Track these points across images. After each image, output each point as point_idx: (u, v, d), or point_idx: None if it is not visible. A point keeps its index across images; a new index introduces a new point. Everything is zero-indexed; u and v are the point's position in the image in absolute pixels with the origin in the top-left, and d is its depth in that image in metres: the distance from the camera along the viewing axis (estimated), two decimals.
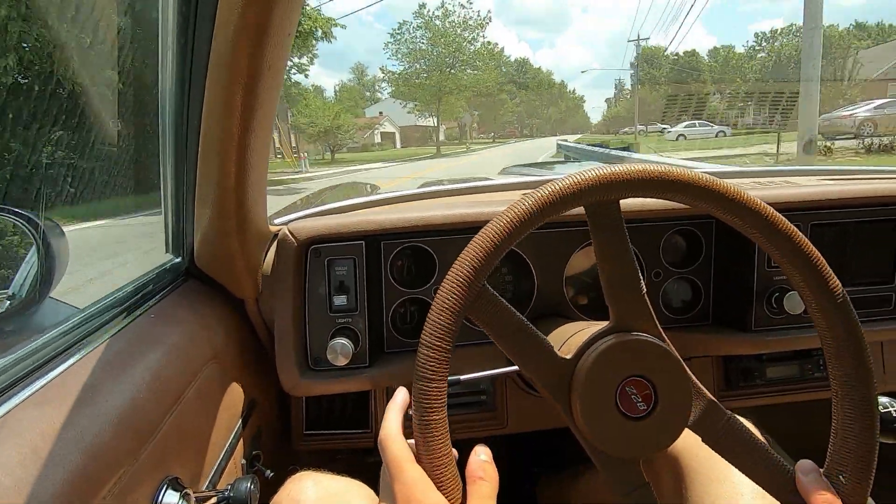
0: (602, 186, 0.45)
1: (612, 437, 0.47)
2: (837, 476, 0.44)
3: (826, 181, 1.01)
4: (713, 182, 0.46)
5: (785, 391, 0.97)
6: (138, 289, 0.72)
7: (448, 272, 0.44)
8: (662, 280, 0.90)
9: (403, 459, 0.42)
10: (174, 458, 0.55)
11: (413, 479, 0.41)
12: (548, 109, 79.06)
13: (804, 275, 0.45)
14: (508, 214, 0.45)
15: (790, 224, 0.46)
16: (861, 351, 0.45)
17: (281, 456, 0.92)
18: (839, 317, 0.45)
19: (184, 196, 0.73)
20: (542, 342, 0.48)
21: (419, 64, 33.92)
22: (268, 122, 0.61)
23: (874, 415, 0.44)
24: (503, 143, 52.52)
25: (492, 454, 0.44)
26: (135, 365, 0.56)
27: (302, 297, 0.81)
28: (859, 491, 0.44)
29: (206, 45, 0.53)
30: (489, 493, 0.41)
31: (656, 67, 62.66)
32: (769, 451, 0.47)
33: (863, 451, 0.44)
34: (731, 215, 0.46)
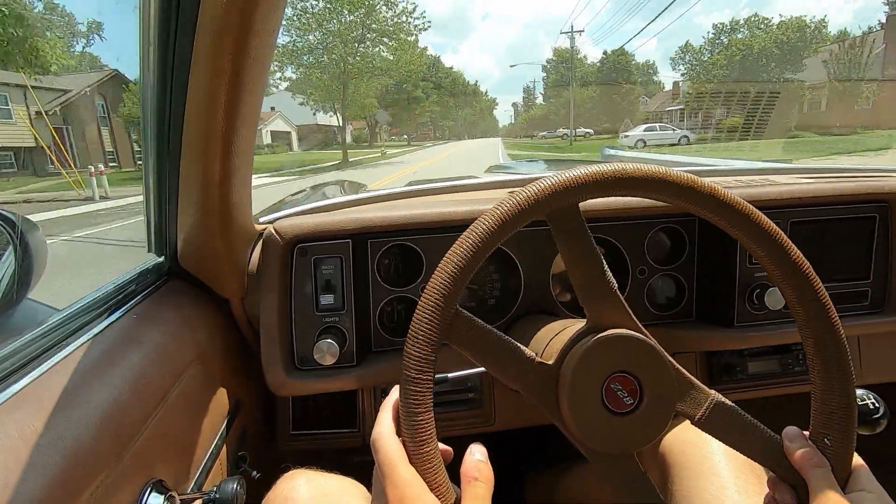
0: (598, 184, 0.46)
1: (602, 434, 0.47)
2: (822, 439, 0.46)
3: (805, 179, 1.04)
4: (693, 180, 0.47)
5: (766, 385, 0.99)
6: (119, 289, 0.70)
7: (434, 272, 0.45)
8: (647, 277, 0.91)
9: (395, 459, 0.42)
10: (158, 461, 0.55)
11: (405, 481, 0.40)
12: (462, 111, 75.68)
13: (783, 269, 0.46)
14: (503, 207, 0.45)
15: (771, 223, 0.47)
16: (838, 336, 0.46)
17: (267, 456, 0.92)
18: (819, 309, 0.46)
19: (167, 194, 0.71)
20: (522, 354, 0.48)
21: (313, 35, 22.60)
22: (252, 119, 0.60)
23: (850, 376, 0.45)
24: (419, 147, 47.55)
25: (486, 453, 0.44)
26: (116, 366, 0.55)
27: (288, 297, 0.80)
28: (844, 451, 0.45)
29: (188, 41, 0.52)
30: (484, 494, 0.41)
31: (580, 67, 60.18)
32: (756, 425, 0.48)
33: (843, 412, 0.45)
34: (714, 215, 0.47)
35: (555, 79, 63.38)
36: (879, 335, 0.98)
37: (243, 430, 0.82)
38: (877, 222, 0.91)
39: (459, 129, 76.07)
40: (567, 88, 55.83)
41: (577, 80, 53.97)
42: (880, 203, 0.90)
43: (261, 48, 0.52)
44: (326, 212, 0.94)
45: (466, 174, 1.95)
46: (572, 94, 42.78)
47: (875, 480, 0.45)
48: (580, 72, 58.75)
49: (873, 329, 0.92)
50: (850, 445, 0.45)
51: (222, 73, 0.52)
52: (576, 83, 51.43)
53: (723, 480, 0.65)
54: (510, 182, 1.24)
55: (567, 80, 58.00)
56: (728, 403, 0.49)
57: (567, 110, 53.72)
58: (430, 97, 61.14)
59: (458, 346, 0.46)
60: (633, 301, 0.91)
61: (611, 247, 0.91)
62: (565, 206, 0.46)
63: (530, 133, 67.24)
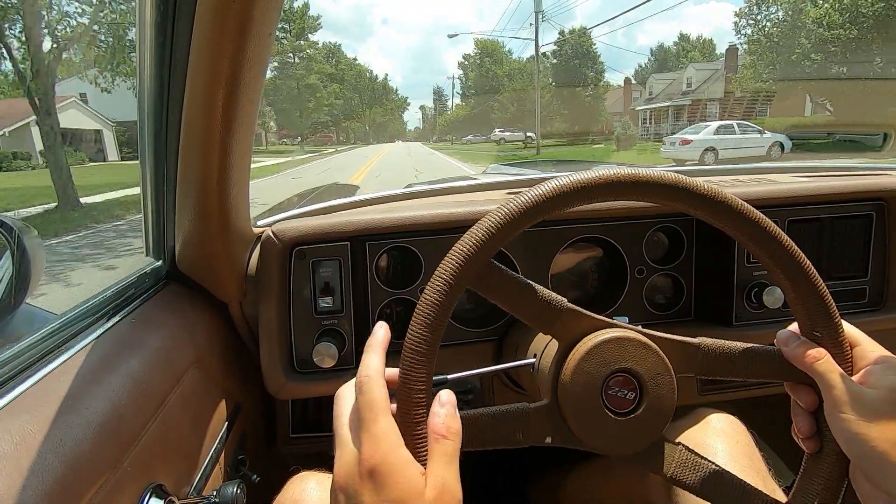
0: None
1: (592, 430, 0.47)
2: (813, 333, 0.47)
3: (802, 178, 1.04)
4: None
5: (764, 384, 0.99)
6: (118, 294, 0.70)
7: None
8: (646, 277, 0.92)
9: (379, 407, 0.40)
10: (158, 465, 0.54)
11: (384, 433, 0.39)
12: (370, 110, 62.88)
13: (784, 267, 0.46)
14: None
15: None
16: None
17: (267, 460, 0.91)
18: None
19: (164, 198, 0.71)
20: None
21: None
22: (250, 121, 0.60)
23: (818, 280, 0.47)
24: (317, 153, 34.14)
25: (455, 400, 0.43)
26: (115, 371, 0.55)
27: (287, 300, 0.80)
28: (835, 336, 0.46)
29: (185, 44, 0.52)
30: (451, 450, 0.40)
31: (498, 64, 51.93)
32: (752, 348, 0.49)
33: (827, 307, 0.46)
34: (715, 218, 0.47)
35: (476, 76, 54.03)
36: (878, 333, 0.98)
37: (243, 434, 0.82)
38: (874, 220, 0.91)
39: (367, 131, 64.83)
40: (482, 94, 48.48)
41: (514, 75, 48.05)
42: (877, 201, 0.91)
43: (257, 50, 0.52)
44: (324, 214, 0.94)
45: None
46: (537, 85, 33.07)
47: (880, 348, 0.47)
48: (510, 68, 51.38)
49: (872, 327, 0.93)
50: (840, 330, 0.47)
51: (219, 77, 0.52)
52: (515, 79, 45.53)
53: None
54: (507, 183, 1.24)
55: (492, 76, 50.87)
56: (718, 341, 0.50)
57: (501, 111, 46.78)
58: (329, 87, 49.57)
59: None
60: (632, 301, 0.91)
61: (609, 247, 0.91)
62: (479, 264, 0.44)
63: (445, 137, 59.23)
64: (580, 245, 0.92)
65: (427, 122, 79.26)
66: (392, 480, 0.37)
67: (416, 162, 21.16)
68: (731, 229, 0.46)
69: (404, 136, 72.74)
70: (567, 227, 0.88)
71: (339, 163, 23.71)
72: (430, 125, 75.54)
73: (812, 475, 0.47)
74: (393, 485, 0.37)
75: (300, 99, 41.68)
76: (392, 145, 53.62)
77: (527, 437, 0.48)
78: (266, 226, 0.85)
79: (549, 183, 0.45)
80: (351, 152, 37.55)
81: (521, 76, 49.92)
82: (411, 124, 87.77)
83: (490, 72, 51.80)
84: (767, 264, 0.47)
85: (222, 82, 0.52)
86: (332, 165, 21.76)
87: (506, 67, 51.84)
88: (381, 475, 0.37)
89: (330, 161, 25.79)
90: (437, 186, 1.20)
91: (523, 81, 48.32)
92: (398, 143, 62.78)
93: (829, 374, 0.44)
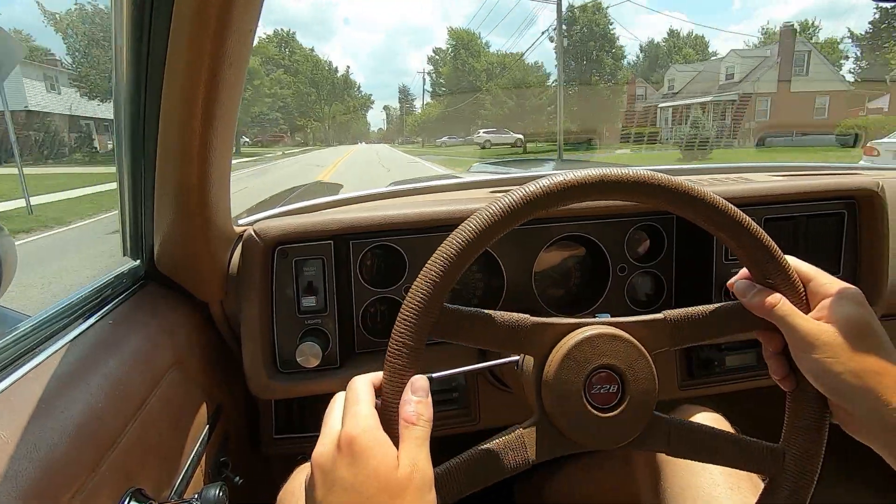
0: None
1: (588, 432, 0.48)
2: (766, 281, 0.49)
3: (777, 177, 1.07)
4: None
5: (743, 378, 1.02)
6: (94, 294, 0.69)
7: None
8: (627, 274, 0.93)
9: (363, 398, 0.43)
10: (137, 469, 0.53)
11: (364, 415, 0.42)
12: (329, 107, 53.96)
13: (724, 227, 0.48)
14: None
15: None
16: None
17: (250, 462, 0.90)
18: (764, 253, 0.49)
19: (142, 197, 0.70)
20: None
21: None
22: (231, 118, 0.59)
23: (764, 235, 0.49)
24: (256, 157, 27.07)
25: (428, 387, 0.45)
26: (93, 373, 0.54)
27: (269, 299, 0.80)
28: (787, 278, 0.49)
29: (163, 40, 0.51)
30: (420, 434, 0.42)
31: (475, 57, 45.64)
32: (716, 308, 0.51)
33: (772, 253, 0.49)
34: (697, 216, 0.49)
35: (449, 71, 47.24)
36: None
37: (225, 436, 0.81)
38: (845, 218, 0.94)
39: (327, 131, 55.76)
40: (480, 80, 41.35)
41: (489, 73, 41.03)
42: (848, 199, 0.93)
43: (238, 47, 0.51)
44: (307, 213, 0.93)
45: None
46: (561, 77, 27.82)
47: (832, 278, 0.49)
48: (489, 63, 44.73)
49: None
50: (789, 270, 0.49)
51: (199, 74, 0.51)
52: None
53: (714, 477, 0.66)
54: (492, 181, 1.25)
55: (469, 70, 44.84)
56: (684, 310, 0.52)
57: (495, 107, 40.63)
58: (273, 74, 42.94)
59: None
60: (614, 298, 0.92)
61: (592, 245, 0.92)
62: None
63: (413, 139, 53.13)
64: (563, 243, 0.93)
65: (392, 124, 73.45)
66: (368, 454, 0.39)
67: (394, 173, 14.70)
68: (678, 210, 0.48)
69: (368, 137, 66.40)
70: (550, 226, 0.89)
71: (276, 177, 15.16)
72: (395, 126, 69.61)
73: (796, 414, 0.50)
74: (368, 458, 0.39)
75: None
76: (356, 148, 44.74)
77: (533, 456, 0.49)
78: (247, 224, 0.84)
79: (546, 180, 0.46)
80: (303, 157, 28.25)
81: (511, 70, 45.28)
82: (375, 125, 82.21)
83: (467, 65, 46.18)
84: (712, 230, 0.49)
85: (202, 80, 0.51)
86: (259, 183, 12.41)
87: (483, 62, 46.40)
88: (358, 449, 0.40)
89: (269, 171, 18.34)
90: (421, 185, 1.20)
91: (515, 75, 44.29)
92: (362, 144, 54.34)
93: (788, 318, 0.47)
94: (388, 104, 74.99)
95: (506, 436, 0.49)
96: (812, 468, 0.49)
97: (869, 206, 0.92)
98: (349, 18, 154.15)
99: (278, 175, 16.29)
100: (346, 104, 55.77)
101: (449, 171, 14.78)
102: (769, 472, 0.51)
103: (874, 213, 0.92)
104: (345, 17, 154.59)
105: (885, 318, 0.96)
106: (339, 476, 0.39)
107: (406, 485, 0.39)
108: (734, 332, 0.51)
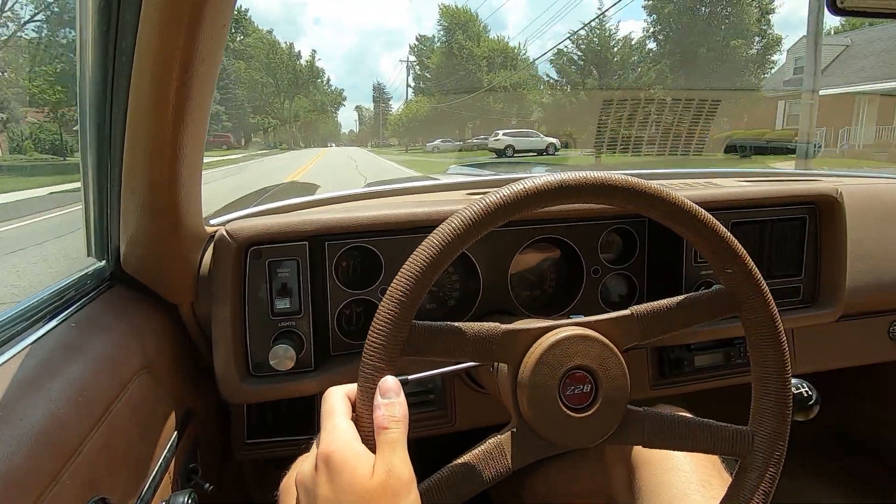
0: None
1: (567, 432, 0.49)
2: (725, 271, 0.52)
3: (743, 182, 1.10)
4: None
5: (711, 377, 1.05)
6: (56, 296, 0.66)
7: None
8: (601, 277, 0.94)
9: (337, 410, 0.44)
10: (101, 477, 0.51)
11: (341, 429, 0.43)
12: (290, 101, 44.09)
13: (685, 224, 0.50)
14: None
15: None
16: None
17: (222, 467, 0.88)
18: (721, 245, 0.51)
19: (107, 195, 0.68)
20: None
21: None
22: (203, 115, 0.58)
23: None
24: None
25: (399, 386, 0.45)
26: (54, 378, 0.51)
27: (241, 301, 0.78)
28: (745, 269, 0.51)
29: (131, 32, 0.49)
30: (396, 437, 0.43)
31: (474, 40, 36.13)
32: (683, 298, 0.53)
33: (729, 244, 0.51)
34: (672, 221, 0.50)
35: (441, 58, 38.00)
36: (811, 328, 1.06)
37: (195, 441, 0.79)
38: (807, 223, 0.98)
39: (289, 131, 44.79)
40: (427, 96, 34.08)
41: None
42: (810, 205, 0.97)
43: (210, 42, 0.50)
44: (281, 213, 0.91)
45: None
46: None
47: None
48: (491, 49, 35.01)
49: (805, 322, 0.99)
50: (746, 261, 0.51)
51: (170, 68, 0.50)
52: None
53: (687, 475, 0.67)
54: (469, 184, 1.25)
55: (466, 56, 35.11)
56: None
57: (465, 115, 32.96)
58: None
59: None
60: (588, 299, 0.93)
61: (566, 247, 0.93)
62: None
63: (388, 142, 46.75)
64: (539, 245, 0.94)
65: (365, 125, 66.65)
66: (343, 468, 0.40)
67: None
68: (652, 214, 0.50)
69: (339, 139, 58.33)
70: (526, 228, 0.90)
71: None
72: (368, 128, 62.88)
73: (762, 396, 0.52)
74: (344, 472, 0.40)
75: None
76: (327, 151, 35.04)
77: (511, 463, 0.50)
78: (219, 224, 0.82)
79: (524, 182, 0.46)
80: (252, 164, 20.07)
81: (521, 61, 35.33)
82: (346, 126, 73.98)
83: (464, 50, 36.25)
84: (676, 229, 0.51)
85: (174, 75, 0.50)
86: None
87: (484, 48, 37.08)
88: (335, 465, 0.41)
89: None
90: (398, 186, 1.19)
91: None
92: (333, 147, 44.91)
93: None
94: (361, 104, 69.15)
95: (485, 444, 0.49)
96: (780, 448, 0.52)
97: (829, 211, 0.96)
98: (320, 18, 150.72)
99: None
100: (313, 99, 45.50)
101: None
102: (741, 454, 0.53)
103: (833, 218, 0.96)
104: (315, 17, 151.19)
105: (843, 318, 1.00)
106: (321, 494, 0.40)
107: (381, 492, 0.40)
108: (700, 320, 0.53)
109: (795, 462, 0.56)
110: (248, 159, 23.79)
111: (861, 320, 1.15)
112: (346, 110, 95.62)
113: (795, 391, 0.92)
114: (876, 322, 1.17)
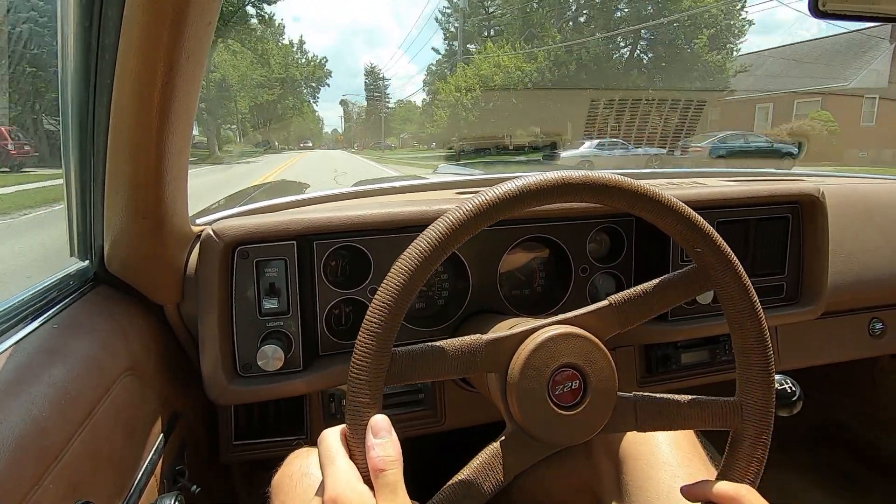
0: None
1: (562, 432, 0.50)
2: (695, 251, 0.53)
3: (729, 182, 1.12)
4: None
5: (698, 374, 1.06)
6: (37, 296, 0.65)
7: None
8: (589, 275, 0.95)
9: (336, 451, 0.45)
10: (86, 481, 0.51)
11: (341, 471, 0.43)
12: (272, 91, 28.54)
13: (652, 211, 0.51)
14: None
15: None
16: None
17: (209, 470, 0.87)
18: (689, 227, 0.52)
19: (91, 194, 0.66)
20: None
21: None
22: (188, 114, 0.57)
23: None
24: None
25: (389, 424, 0.45)
26: (36, 380, 0.51)
27: (228, 301, 0.77)
28: (713, 246, 0.52)
29: (114, 29, 0.48)
30: (393, 479, 0.43)
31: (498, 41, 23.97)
32: (659, 281, 0.55)
33: (696, 225, 0.52)
34: (657, 218, 0.51)
35: (472, 31, 25.98)
36: (794, 325, 1.07)
37: (182, 443, 0.78)
38: (790, 222, 0.99)
39: (269, 130, 31.20)
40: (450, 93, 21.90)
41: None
42: (793, 204, 0.99)
43: (197, 39, 0.50)
44: (269, 212, 0.90)
45: None
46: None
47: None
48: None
49: (788, 319, 1.01)
50: (714, 237, 0.52)
51: (155, 66, 0.49)
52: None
53: (674, 469, 0.68)
54: (457, 183, 1.25)
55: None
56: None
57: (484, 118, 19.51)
58: None
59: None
60: (577, 298, 0.94)
61: (555, 246, 0.94)
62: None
63: (367, 144, 38.20)
64: (528, 245, 0.94)
65: (351, 122, 54.36)
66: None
67: None
68: (618, 205, 0.51)
69: (321, 139, 47.83)
70: (515, 227, 0.90)
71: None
72: (357, 126, 51.53)
73: (747, 367, 0.53)
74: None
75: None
76: (302, 157, 25.12)
77: (511, 470, 0.50)
78: (206, 224, 0.81)
79: (512, 182, 0.46)
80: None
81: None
82: (329, 124, 62.01)
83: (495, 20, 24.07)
84: (644, 216, 0.52)
85: (159, 73, 0.49)
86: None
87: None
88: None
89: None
90: (387, 185, 1.19)
91: None
92: (317, 151, 33.53)
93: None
94: (347, 98, 55.12)
95: (482, 456, 0.50)
96: (768, 416, 0.53)
97: (811, 210, 0.98)
98: (299, 16, 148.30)
99: None
100: (297, 92, 31.77)
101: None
102: (733, 426, 0.54)
103: (815, 217, 0.97)
104: (294, 16, 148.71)
105: (825, 315, 1.02)
106: None
107: None
108: (676, 300, 0.54)
109: (775, 456, 0.57)
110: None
111: (842, 317, 1.17)
112: (328, 104, 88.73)
113: (779, 387, 0.93)
114: (857, 319, 1.20)
